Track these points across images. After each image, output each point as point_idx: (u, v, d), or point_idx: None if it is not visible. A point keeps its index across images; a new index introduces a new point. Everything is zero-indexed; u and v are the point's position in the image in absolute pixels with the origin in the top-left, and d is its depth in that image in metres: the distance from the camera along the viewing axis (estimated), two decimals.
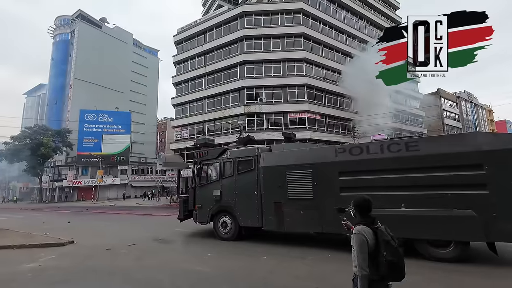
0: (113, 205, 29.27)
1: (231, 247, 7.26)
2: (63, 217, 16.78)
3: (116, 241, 8.32)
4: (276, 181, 7.19)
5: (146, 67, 62.58)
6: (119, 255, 6.69)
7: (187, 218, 9.19)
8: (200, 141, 9.87)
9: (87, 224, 12.97)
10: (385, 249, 2.15)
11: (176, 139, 32.45)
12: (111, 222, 13.21)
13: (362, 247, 2.18)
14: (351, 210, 2.42)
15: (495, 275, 4.78)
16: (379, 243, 2.19)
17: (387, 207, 5.67)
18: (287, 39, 28.06)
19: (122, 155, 44.73)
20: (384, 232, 2.24)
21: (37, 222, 14.13)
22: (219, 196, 8.15)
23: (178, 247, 7.69)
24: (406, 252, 2.36)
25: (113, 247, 7.42)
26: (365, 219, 2.33)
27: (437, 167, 5.50)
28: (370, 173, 6.06)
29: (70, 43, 52.57)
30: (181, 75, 32.95)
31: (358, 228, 2.27)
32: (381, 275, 2.17)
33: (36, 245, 8.05)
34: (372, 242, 2.20)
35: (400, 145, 5.97)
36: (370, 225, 2.27)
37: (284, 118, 26.84)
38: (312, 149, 7.61)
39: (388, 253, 2.14)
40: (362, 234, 2.21)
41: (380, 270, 2.16)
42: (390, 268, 2.13)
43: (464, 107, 51.04)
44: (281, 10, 28.44)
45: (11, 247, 8.00)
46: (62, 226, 12.28)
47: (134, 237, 9.11)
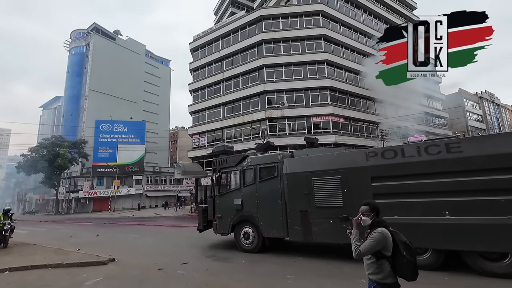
0: (132, 215, 28.49)
1: (309, 265, 6.16)
2: (87, 229, 15.97)
3: (162, 259, 7.33)
4: (301, 188, 6.78)
5: (158, 77, 63.08)
6: (178, 278, 5.64)
7: (207, 228, 8.80)
8: (218, 149, 9.43)
9: (117, 238, 12.06)
10: (404, 249, 2.25)
11: (194, 147, 31.73)
12: (142, 235, 12.24)
13: (377, 243, 2.27)
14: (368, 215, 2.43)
15: None
16: (397, 244, 2.29)
17: (428, 215, 5.28)
18: (307, 41, 27.32)
19: (137, 164, 44.30)
20: (400, 234, 2.35)
21: (63, 235, 13.32)
22: (240, 206, 7.75)
23: (242, 266, 6.43)
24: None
25: (163, 266, 6.43)
26: (381, 222, 2.41)
27: (485, 170, 4.98)
28: (407, 178, 5.59)
29: (85, 55, 53.46)
30: (198, 82, 32.49)
31: (381, 229, 2.33)
32: (398, 275, 2.29)
33: (74, 264, 7.13)
34: (390, 244, 2.29)
35: (439, 147, 5.46)
36: (387, 228, 2.37)
37: (307, 122, 25.81)
38: (340, 153, 7.09)
39: (407, 253, 2.24)
40: (385, 235, 2.29)
41: (398, 271, 2.27)
42: (408, 267, 2.24)
43: (486, 107, 49.03)
44: (299, 13, 27.85)
45: (47, 266, 7.11)
46: (91, 240, 11.41)
47: (179, 253, 8.14)
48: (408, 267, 2.24)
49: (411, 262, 2.24)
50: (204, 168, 29.48)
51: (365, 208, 2.50)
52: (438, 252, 5.32)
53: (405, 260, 2.23)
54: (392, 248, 2.29)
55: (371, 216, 2.45)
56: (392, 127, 29.25)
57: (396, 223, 5.39)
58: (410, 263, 2.23)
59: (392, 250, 2.28)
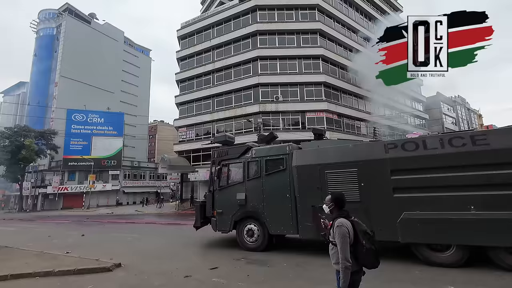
0: (111, 213, 26.21)
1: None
2: (67, 228, 14.04)
3: (182, 263, 6.18)
4: (313, 182, 6.39)
5: (137, 67, 59.41)
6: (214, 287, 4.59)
7: (204, 225, 8.27)
8: (218, 139, 8.67)
9: (110, 238, 10.48)
10: (364, 238, 2.30)
11: (180, 140, 29.94)
12: (142, 235, 10.73)
13: (345, 238, 2.26)
14: (328, 206, 2.52)
15: None
16: (357, 233, 2.32)
17: (452, 210, 5.12)
18: (303, 35, 26.76)
19: (114, 158, 41.20)
20: (360, 223, 2.39)
21: (39, 235, 11.44)
22: (243, 201, 7.21)
23: (287, 270, 5.39)
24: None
25: (189, 272, 5.31)
26: (342, 212, 2.44)
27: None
28: (430, 171, 5.40)
29: (56, 38, 48.68)
30: (186, 72, 30.67)
31: (339, 220, 2.34)
32: (360, 265, 2.32)
33: (69, 272, 5.75)
34: (351, 233, 2.30)
35: (464, 139, 5.30)
36: (347, 218, 2.39)
37: (301, 117, 25.30)
38: (356, 145, 6.83)
39: (366, 241, 2.29)
40: (345, 226, 2.30)
41: (360, 259, 2.30)
42: (369, 255, 2.27)
43: (459, 111, 52.19)
44: (296, 5, 27.19)
45: (33, 275, 5.66)
46: (77, 240, 9.79)
47: (197, 255, 7.05)
48: (367, 256, 2.26)
49: (371, 251, 2.26)
50: (192, 162, 27.95)
51: (327, 198, 2.59)
52: (462, 249, 5.09)
53: (365, 249, 2.25)
54: (353, 237, 2.29)
55: (329, 206, 2.50)
56: (381, 126, 29.81)
57: (418, 218, 5.25)
58: (370, 252, 2.25)
59: (353, 239, 2.28)
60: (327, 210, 2.53)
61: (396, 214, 5.55)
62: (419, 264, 5.32)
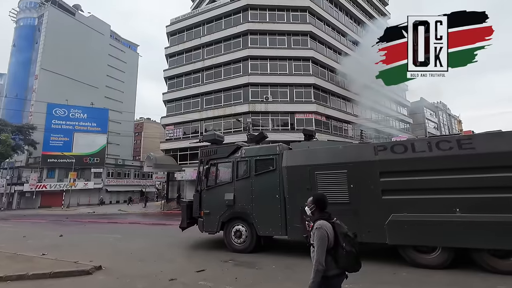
0: (93, 212, 25.27)
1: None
2: (44, 228, 13.35)
3: (167, 265, 5.94)
4: (303, 183, 6.33)
5: (124, 62, 57.78)
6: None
7: (190, 226, 8.06)
8: (207, 138, 8.52)
9: (91, 239, 10.00)
10: (344, 240, 2.22)
11: (167, 138, 29.31)
12: (124, 235, 10.31)
13: (323, 241, 2.19)
14: (309, 208, 2.47)
15: None
16: (338, 236, 2.24)
17: (439, 212, 5.19)
18: (294, 37, 26.88)
19: (97, 156, 39.82)
20: (341, 225, 2.31)
21: (13, 235, 10.79)
22: (232, 201, 7.08)
23: (276, 272, 5.30)
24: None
25: (175, 275, 5.09)
26: (323, 214, 2.37)
27: (497, 167, 4.96)
28: (417, 173, 5.45)
29: (37, 29, 46.54)
30: (175, 69, 30.10)
31: (319, 223, 2.28)
32: (341, 267, 2.23)
33: (44, 275, 5.39)
34: (332, 236, 2.24)
35: (451, 143, 5.39)
36: (328, 220, 2.31)
37: (290, 118, 25.38)
38: (346, 146, 6.92)
39: (347, 244, 2.21)
40: (324, 229, 2.23)
41: (340, 262, 2.21)
42: (349, 258, 2.20)
43: (441, 117, 54.18)
44: (287, 7, 27.27)
45: (4, 279, 5.27)
46: (55, 241, 9.27)
47: (183, 257, 6.80)
48: (347, 259, 2.20)
49: (351, 253, 2.20)
50: (178, 161, 27.44)
51: (309, 199, 2.53)
52: (447, 250, 5.18)
53: (345, 251, 2.19)
54: (333, 240, 2.25)
55: (311, 207, 2.45)
56: (367, 128, 30.42)
57: (406, 220, 5.30)
58: (350, 254, 2.20)
59: (333, 242, 2.24)
60: (308, 212, 2.48)
61: (384, 216, 5.58)
62: (406, 266, 5.37)
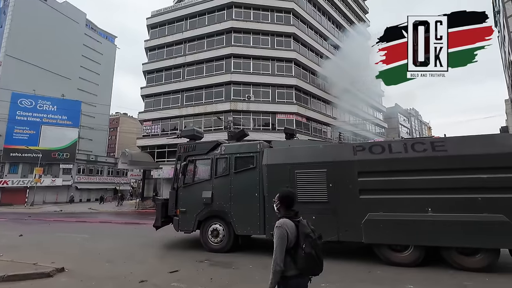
0: (60, 211, 23.70)
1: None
2: (1, 227, 12.22)
3: (138, 266, 5.61)
4: (283, 181, 6.26)
5: (100, 53, 54.94)
6: None
7: (165, 225, 7.76)
8: (186, 133, 8.26)
9: (52, 238, 9.27)
10: (304, 241, 2.10)
11: (144, 134, 28.22)
12: (90, 235, 9.66)
13: (282, 240, 2.11)
14: (275, 205, 2.34)
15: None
16: (299, 236, 2.13)
17: (412, 212, 5.34)
18: (277, 38, 26.99)
19: (67, 151, 37.50)
20: (305, 225, 2.20)
21: None
22: (209, 199, 6.91)
23: (253, 272, 5.17)
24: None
25: (146, 276, 4.80)
26: (288, 213, 2.26)
27: (465, 169, 5.20)
28: (393, 174, 5.60)
29: (2, 12, 42.93)
30: (155, 63, 29.08)
31: (280, 221, 2.19)
32: (299, 269, 2.11)
33: None
34: (294, 235, 2.13)
35: (425, 145, 5.62)
36: (293, 219, 2.21)
37: (272, 118, 25.46)
38: (326, 146, 7.07)
39: (307, 245, 2.08)
40: (284, 227, 2.14)
41: (298, 264, 2.10)
42: (308, 260, 2.07)
43: (413, 123, 57.20)
44: (271, 7, 27.33)
45: None
46: (14, 241, 8.47)
47: (156, 257, 6.47)
48: (305, 261, 2.06)
49: (310, 255, 2.06)
50: (156, 159, 26.54)
51: (276, 196, 2.41)
52: (419, 249, 5.37)
53: (304, 253, 2.06)
54: (295, 240, 2.14)
55: (276, 204, 2.33)
56: (345, 131, 31.28)
57: (381, 220, 5.44)
58: (309, 257, 2.06)
59: (295, 242, 2.13)
60: (275, 209, 2.37)
61: (361, 215, 5.67)
62: (380, 264, 5.48)
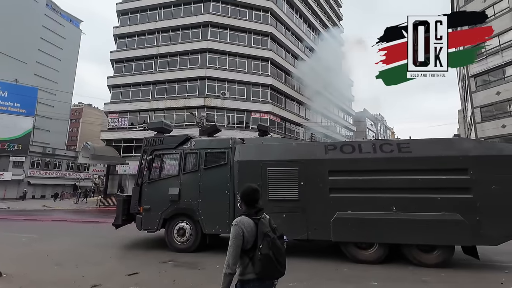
0: (6, 208, 21.30)
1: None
2: None
3: (92, 268, 5.08)
4: (254, 179, 6.09)
5: (62, 37, 50.54)
6: None
7: (127, 223, 7.27)
8: (154, 125, 7.74)
9: None
10: (262, 241, 1.91)
11: (110, 127, 26.47)
12: (39, 234, 8.62)
13: (236, 240, 1.91)
14: (238, 201, 2.17)
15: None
16: (258, 235, 1.95)
17: (378, 211, 5.49)
18: (254, 36, 26.89)
19: (19, 142, 34.00)
20: (265, 224, 1.99)
21: None
22: (176, 196, 6.58)
23: (219, 273, 4.70)
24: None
25: (100, 280, 4.33)
26: (249, 210, 2.06)
27: (427, 170, 5.46)
28: (362, 173, 5.74)
29: None
30: (124, 52, 27.40)
31: (237, 219, 2.00)
32: (256, 273, 1.90)
33: None
34: (251, 235, 1.94)
35: (392, 146, 5.83)
36: (253, 216, 2.01)
37: (246, 116, 25.31)
38: (299, 143, 7.03)
39: (264, 246, 1.88)
40: (240, 226, 1.94)
41: (255, 267, 1.89)
42: (264, 263, 1.85)
43: (379, 127, 60.67)
44: (250, 5, 27.13)
45: None
46: None
47: (114, 258, 5.94)
48: (262, 263, 1.85)
49: (267, 258, 1.84)
50: (122, 153, 25.03)
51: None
52: (383, 246, 5.56)
53: (260, 254, 1.86)
54: (253, 240, 1.95)
55: (238, 201, 2.15)
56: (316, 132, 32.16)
57: (349, 218, 5.56)
58: (266, 258, 1.84)
59: (253, 242, 1.94)
60: (239, 205, 2.20)
61: (330, 213, 5.71)
62: (347, 262, 5.56)
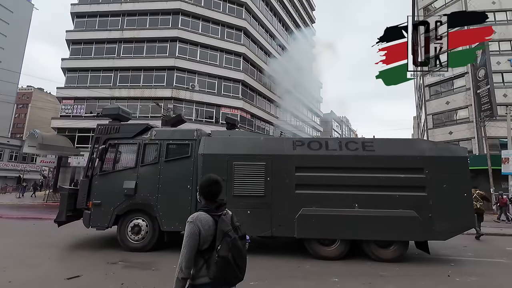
0: None
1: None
2: None
3: (26, 271, 4.36)
4: (220, 173, 6.06)
5: (9, 11, 44.78)
6: None
7: (73, 220, 6.55)
8: (109, 112, 6.97)
9: None
10: (221, 242, 1.65)
11: (63, 114, 23.99)
12: None
13: (191, 240, 1.66)
14: (197, 194, 1.91)
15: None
16: (217, 235, 1.69)
17: (342, 207, 5.58)
18: (228, 29, 26.26)
19: None
20: (226, 221, 1.74)
21: None
22: (132, 190, 6.09)
23: (174, 273, 4.55)
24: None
25: (33, 285, 3.71)
26: (209, 205, 1.80)
27: (388, 169, 5.67)
28: (328, 170, 5.81)
29: None
30: (83, 33, 24.95)
31: (194, 215, 1.74)
32: (211, 278, 1.64)
33: None
34: (210, 234, 1.69)
35: (357, 144, 6.00)
36: (213, 212, 1.75)
37: (216, 111, 24.69)
38: (268, 138, 6.93)
39: (222, 247, 1.63)
40: (196, 223, 1.69)
41: (211, 271, 1.64)
42: (221, 266, 1.60)
43: (344, 129, 63.77)
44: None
45: None
46: None
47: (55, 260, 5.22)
48: (218, 267, 1.61)
49: (225, 260, 1.61)
50: (76, 144, 22.87)
51: None
52: (344, 243, 5.67)
53: (217, 256, 1.62)
54: (212, 239, 1.70)
55: (198, 194, 1.89)
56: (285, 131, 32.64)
57: (313, 215, 5.58)
58: (224, 261, 1.61)
59: (211, 242, 1.69)
60: (198, 199, 1.92)
61: (295, 210, 5.65)
62: (310, 258, 5.55)
